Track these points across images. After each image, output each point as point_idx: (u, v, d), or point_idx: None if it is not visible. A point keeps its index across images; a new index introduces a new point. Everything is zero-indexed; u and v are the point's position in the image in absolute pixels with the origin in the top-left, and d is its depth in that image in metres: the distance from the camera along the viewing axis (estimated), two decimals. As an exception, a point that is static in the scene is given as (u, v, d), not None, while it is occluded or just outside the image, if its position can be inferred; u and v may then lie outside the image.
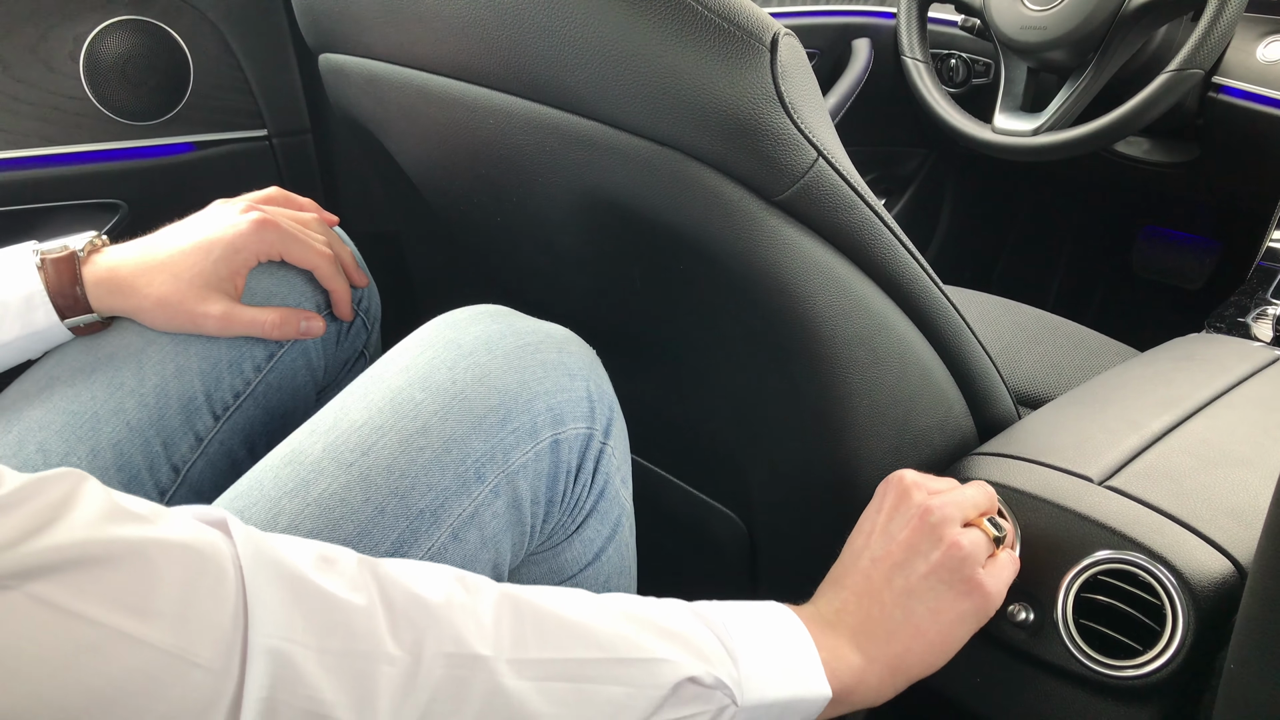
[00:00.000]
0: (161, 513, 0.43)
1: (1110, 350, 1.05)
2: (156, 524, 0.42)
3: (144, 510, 0.43)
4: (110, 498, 0.42)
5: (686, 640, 0.53)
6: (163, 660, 0.39)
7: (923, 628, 0.61)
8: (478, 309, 0.68)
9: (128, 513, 0.42)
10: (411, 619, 0.46)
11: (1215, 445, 0.72)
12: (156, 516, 0.43)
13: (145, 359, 0.70)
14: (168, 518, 0.43)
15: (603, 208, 0.67)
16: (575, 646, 0.50)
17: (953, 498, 0.64)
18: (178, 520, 0.44)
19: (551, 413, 0.63)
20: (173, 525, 0.43)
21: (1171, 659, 0.61)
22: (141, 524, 0.41)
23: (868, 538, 0.64)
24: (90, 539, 0.39)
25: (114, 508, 0.41)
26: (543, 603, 0.51)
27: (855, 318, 0.66)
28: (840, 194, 0.63)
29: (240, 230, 0.71)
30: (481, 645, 0.47)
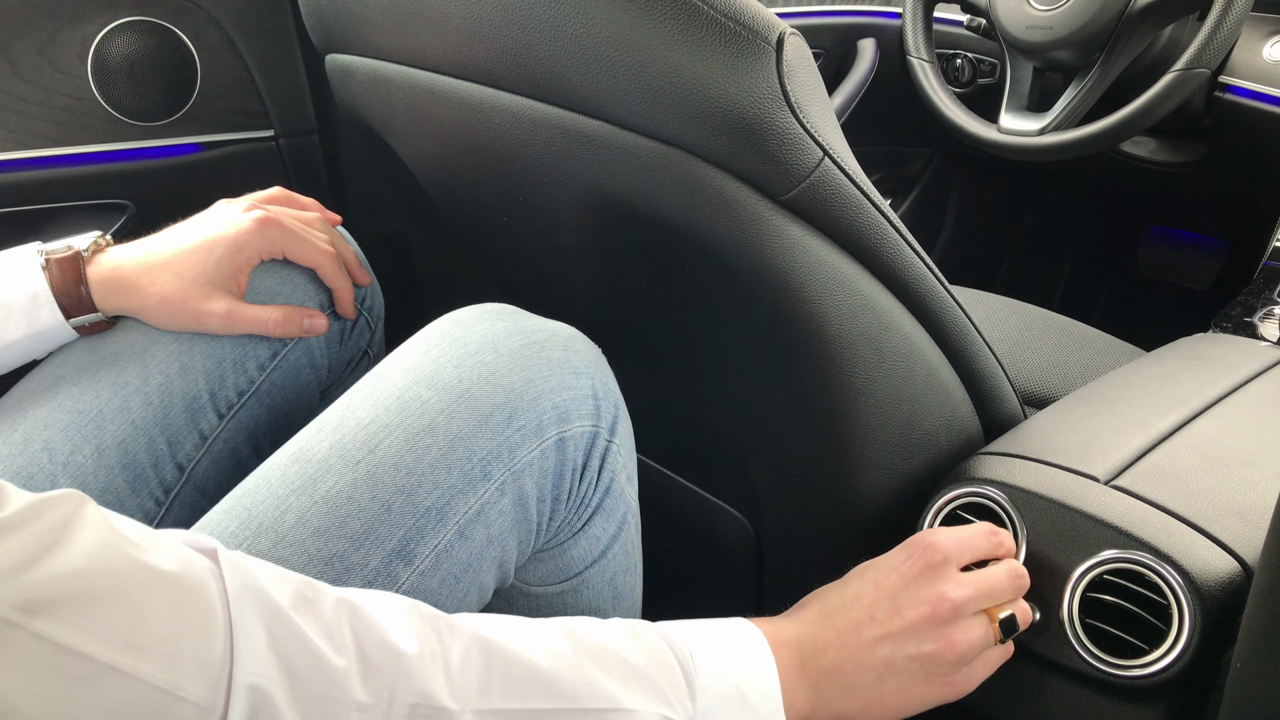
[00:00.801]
0: (155, 540, 0.44)
1: (1116, 350, 1.05)
2: (151, 554, 0.42)
3: (139, 538, 0.43)
4: (108, 524, 0.42)
5: (650, 680, 0.54)
6: (153, 695, 0.40)
7: (885, 698, 0.60)
8: (484, 308, 0.68)
9: (125, 540, 0.42)
10: (382, 668, 0.47)
11: (1222, 445, 0.72)
12: (151, 545, 0.43)
13: (150, 358, 0.70)
14: (161, 546, 0.44)
15: (608, 207, 0.67)
16: (539, 696, 0.51)
17: (978, 589, 0.62)
18: (170, 549, 0.44)
19: (557, 410, 0.63)
20: (167, 555, 0.43)
21: (1178, 658, 0.61)
22: (138, 554, 0.42)
23: (877, 591, 0.62)
24: (89, 570, 0.40)
25: (112, 536, 0.42)
26: (513, 647, 0.52)
27: (861, 317, 0.66)
28: (846, 193, 0.63)
29: (243, 229, 0.71)
30: (448, 697, 0.48)
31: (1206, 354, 0.91)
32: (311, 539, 0.57)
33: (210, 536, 0.48)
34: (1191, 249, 1.69)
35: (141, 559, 0.42)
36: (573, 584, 0.68)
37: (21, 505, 0.39)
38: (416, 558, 0.59)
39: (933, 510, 0.72)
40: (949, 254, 1.82)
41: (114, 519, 0.43)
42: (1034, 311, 1.12)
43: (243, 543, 0.57)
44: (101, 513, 0.43)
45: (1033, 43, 1.26)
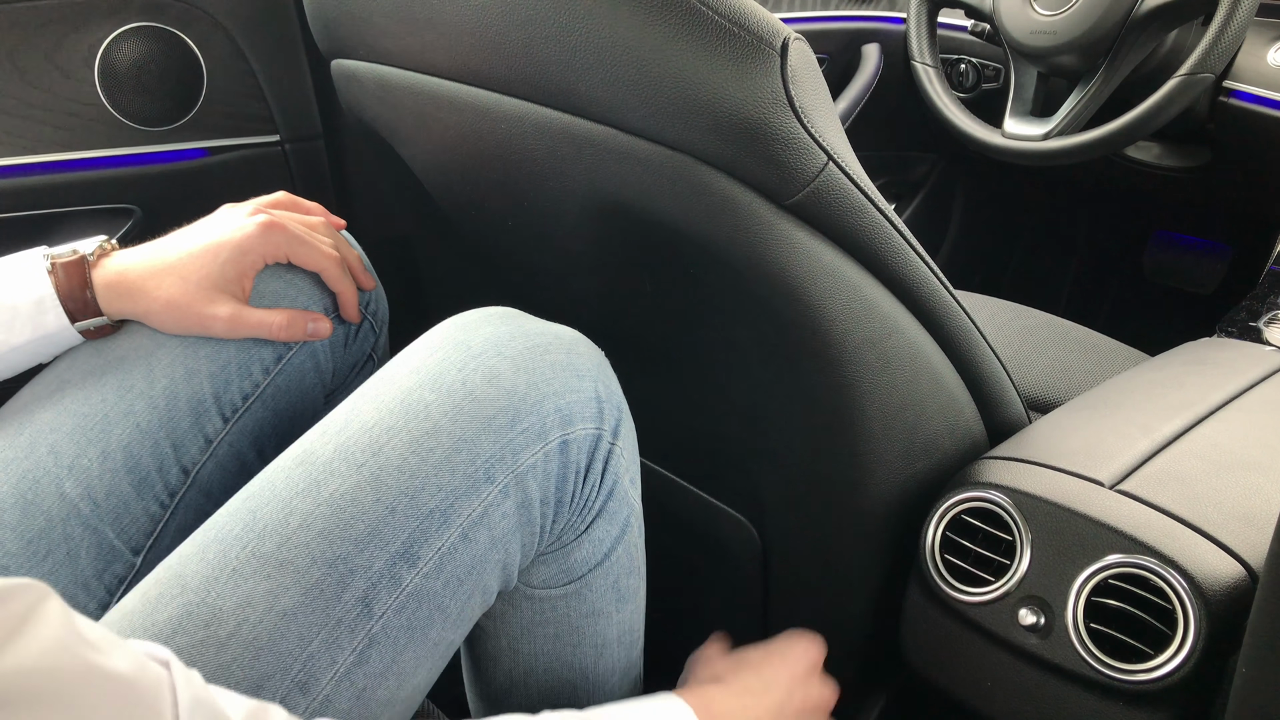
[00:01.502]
0: (112, 644, 0.42)
1: (1121, 355, 1.05)
2: (106, 657, 0.41)
3: (96, 639, 0.41)
4: (68, 622, 0.40)
5: None
6: None
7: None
8: (487, 311, 0.68)
9: (82, 642, 0.40)
10: None
11: (1227, 449, 0.72)
12: (108, 648, 0.41)
13: (155, 361, 0.71)
14: (118, 650, 0.42)
15: (613, 212, 0.67)
16: None
17: None
18: (126, 654, 0.42)
19: (560, 414, 0.63)
20: (122, 660, 0.42)
21: (1183, 663, 0.61)
22: (93, 657, 0.40)
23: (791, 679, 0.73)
24: (39, 669, 0.38)
25: (68, 636, 0.40)
26: None
27: (866, 322, 0.66)
28: (851, 198, 0.63)
29: (248, 233, 0.72)
30: None
31: (1211, 359, 0.91)
32: (316, 541, 0.57)
33: (163, 649, 0.46)
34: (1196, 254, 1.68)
35: (96, 662, 0.40)
36: (576, 587, 0.68)
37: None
38: (420, 560, 0.59)
39: (937, 515, 0.72)
40: (953, 258, 1.82)
41: (76, 620, 0.41)
42: (1038, 316, 1.12)
43: (247, 545, 0.57)
44: (63, 610, 0.41)
45: (1037, 48, 1.26)
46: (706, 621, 0.96)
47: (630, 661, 0.74)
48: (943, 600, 0.71)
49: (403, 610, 0.58)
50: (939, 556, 0.72)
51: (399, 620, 0.58)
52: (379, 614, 0.58)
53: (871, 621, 0.81)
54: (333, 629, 0.56)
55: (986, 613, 0.69)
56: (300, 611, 0.56)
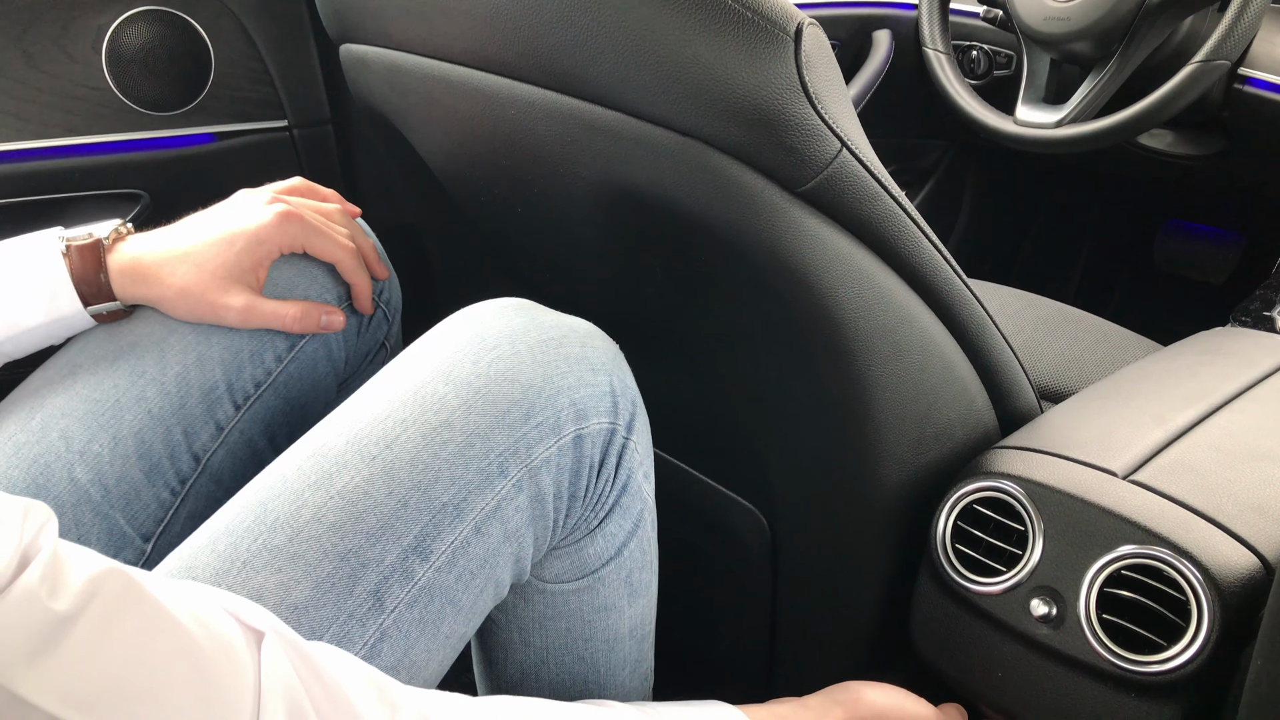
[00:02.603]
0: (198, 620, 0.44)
1: (1132, 344, 1.05)
2: (192, 637, 0.43)
3: (182, 619, 0.43)
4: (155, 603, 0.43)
5: None
6: None
7: None
8: (501, 303, 0.67)
9: (170, 623, 0.42)
10: None
11: (1241, 440, 0.72)
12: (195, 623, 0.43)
13: (167, 348, 0.70)
14: (206, 625, 0.44)
15: (624, 199, 0.67)
16: None
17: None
18: (212, 632, 0.44)
19: (575, 407, 0.63)
20: (208, 640, 0.43)
21: (1196, 655, 0.60)
22: (179, 639, 0.42)
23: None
24: (131, 663, 0.40)
25: (157, 620, 0.42)
26: None
27: (878, 310, 0.65)
28: (864, 185, 0.62)
29: (264, 222, 0.71)
30: None
31: (1225, 348, 0.90)
32: (327, 534, 0.57)
33: (264, 614, 0.47)
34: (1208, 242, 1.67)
35: (184, 647, 0.42)
36: (589, 581, 0.68)
37: (75, 591, 0.40)
38: (433, 554, 0.59)
39: (948, 505, 0.72)
40: (963, 247, 1.81)
41: (158, 590, 0.43)
42: (1049, 305, 1.12)
43: (258, 537, 0.57)
44: (147, 589, 0.43)
45: (1050, 34, 1.25)
46: (715, 610, 0.96)
47: (641, 654, 0.74)
48: (954, 590, 0.71)
49: (414, 604, 0.58)
50: (950, 546, 0.71)
51: (411, 614, 0.58)
52: (391, 608, 0.57)
53: (881, 611, 0.80)
54: (344, 622, 0.56)
55: (998, 603, 0.69)
56: (311, 605, 0.56)
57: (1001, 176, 1.82)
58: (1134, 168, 1.49)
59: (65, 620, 0.39)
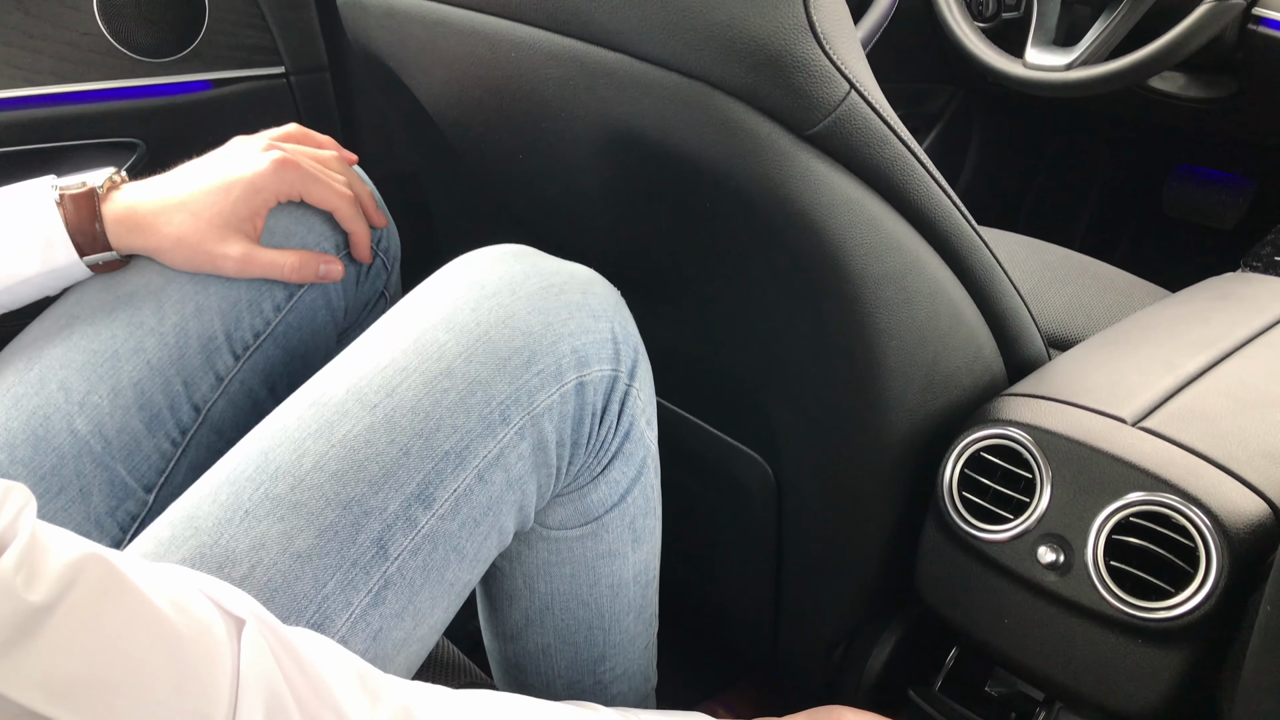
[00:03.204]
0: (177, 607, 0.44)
1: (1140, 290, 1.04)
2: (172, 625, 0.43)
3: (160, 606, 0.43)
4: (136, 592, 0.42)
5: None
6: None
7: None
8: (501, 249, 0.67)
9: (150, 611, 0.42)
10: None
11: (1252, 386, 0.71)
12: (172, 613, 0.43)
13: (164, 298, 0.70)
14: (183, 614, 0.43)
15: (628, 143, 0.66)
16: None
17: None
18: (191, 619, 0.44)
19: (576, 355, 0.62)
20: (185, 630, 0.43)
21: (1204, 601, 0.60)
22: (158, 629, 0.42)
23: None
24: (110, 653, 0.40)
25: (137, 609, 0.42)
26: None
27: (886, 256, 0.64)
28: (873, 128, 0.61)
29: (260, 170, 0.70)
30: None
31: (1236, 293, 0.89)
32: (329, 483, 0.56)
33: (244, 599, 0.47)
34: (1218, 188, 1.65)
35: (163, 635, 0.42)
36: (592, 528, 0.68)
37: (52, 579, 0.39)
38: (435, 501, 0.58)
39: (955, 452, 0.72)
40: (970, 193, 1.79)
41: (138, 576, 0.43)
42: (1056, 251, 1.10)
43: (260, 486, 0.56)
44: (123, 578, 0.42)
45: (1061, -26, 1.23)
46: (720, 557, 0.96)
47: (646, 600, 0.74)
48: (961, 538, 0.71)
49: (418, 552, 0.58)
50: (957, 494, 0.71)
51: (415, 562, 0.58)
52: (394, 556, 0.57)
53: (887, 559, 0.80)
54: (348, 571, 0.56)
55: (1005, 550, 0.69)
56: (315, 554, 0.55)
57: (1010, 121, 1.80)
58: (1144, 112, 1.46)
59: (41, 611, 0.38)
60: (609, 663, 0.74)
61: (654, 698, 0.82)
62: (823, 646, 0.88)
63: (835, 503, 0.80)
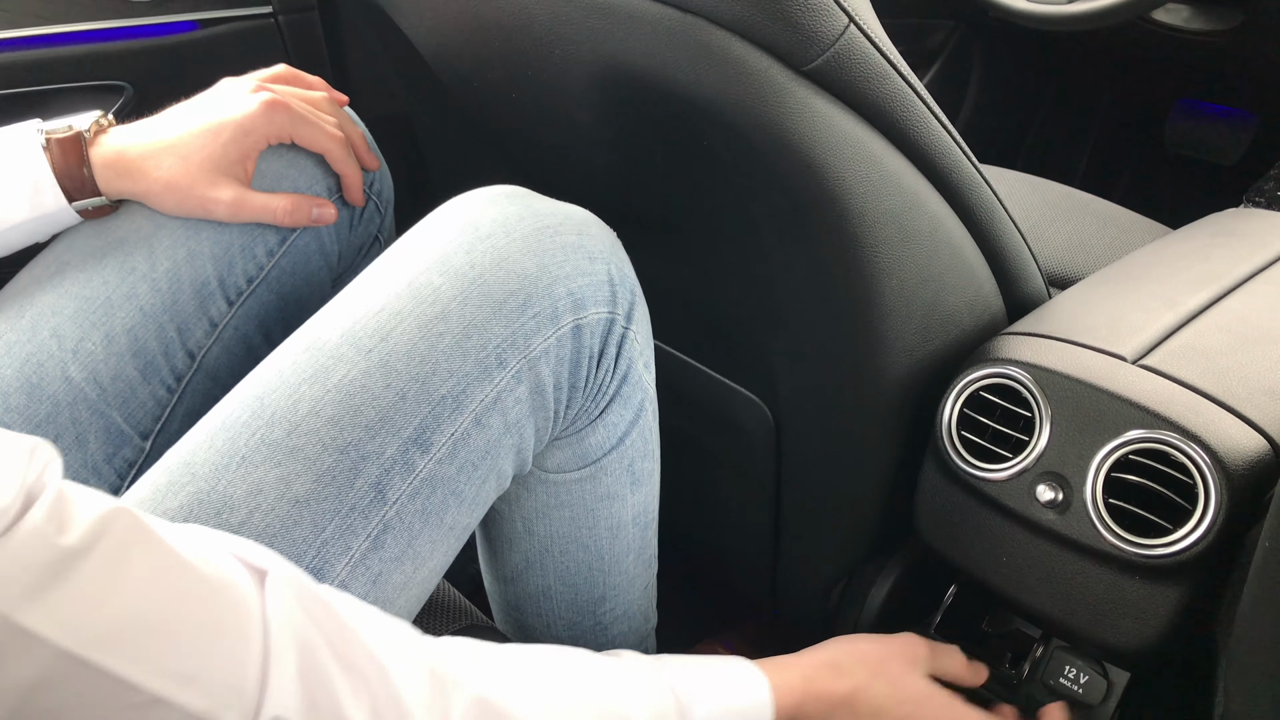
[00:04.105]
0: (205, 558, 0.44)
1: (1141, 227, 1.03)
2: (201, 578, 0.44)
3: (192, 556, 0.44)
4: (162, 545, 0.43)
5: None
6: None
7: None
8: (495, 190, 0.66)
9: (178, 564, 0.43)
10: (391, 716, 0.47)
11: (1253, 322, 0.71)
12: (202, 564, 0.44)
13: (156, 243, 0.69)
14: (211, 565, 0.44)
15: (622, 81, 0.65)
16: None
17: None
18: (219, 569, 0.45)
19: (572, 297, 0.62)
20: (215, 578, 0.44)
21: (1202, 538, 0.61)
22: (189, 581, 0.43)
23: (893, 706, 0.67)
24: (146, 600, 0.41)
25: (166, 560, 0.43)
26: (513, 709, 0.52)
27: (886, 194, 0.64)
28: (872, 63, 0.60)
29: (250, 112, 0.69)
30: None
31: (1239, 229, 0.88)
32: (325, 428, 0.56)
33: (267, 553, 0.48)
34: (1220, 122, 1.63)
35: (190, 588, 0.43)
36: (591, 471, 0.68)
37: (83, 529, 0.40)
38: (433, 445, 0.58)
39: (955, 392, 0.71)
40: (970, 129, 1.77)
41: (165, 534, 0.44)
42: (1056, 189, 1.09)
43: (256, 432, 0.56)
44: (154, 530, 0.43)
45: (1064, -97, 1.20)
46: (719, 499, 0.96)
47: (645, 541, 0.75)
48: (960, 477, 0.71)
49: (416, 496, 0.58)
50: (956, 433, 0.71)
51: (413, 506, 0.58)
52: (393, 500, 0.57)
53: (886, 498, 0.81)
54: (346, 515, 0.56)
55: (1004, 489, 0.69)
56: (313, 499, 0.55)
57: (1010, 57, 1.77)
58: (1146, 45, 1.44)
59: (74, 554, 0.39)
60: (609, 604, 0.75)
61: (654, 638, 0.83)
62: (821, 586, 0.89)
63: (834, 444, 0.80)
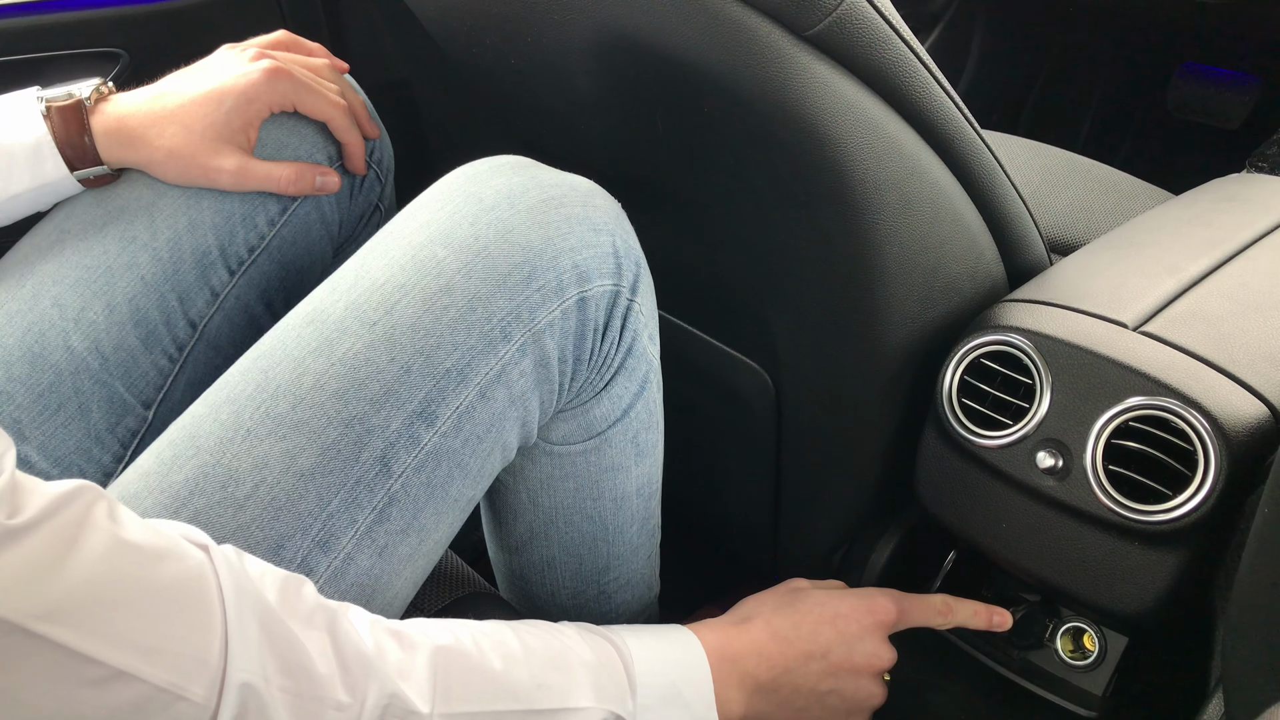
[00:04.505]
0: (156, 537, 0.45)
1: (1143, 193, 1.02)
2: (154, 554, 0.44)
3: (141, 537, 0.44)
4: (115, 523, 0.43)
5: (595, 677, 0.57)
6: (157, 695, 0.42)
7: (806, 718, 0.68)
8: (498, 160, 0.65)
9: (130, 544, 0.43)
10: (355, 671, 0.49)
11: (1255, 289, 0.71)
12: (152, 542, 0.44)
13: (157, 212, 0.69)
14: (162, 543, 0.45)
15: (622, 47, 0.64)
16: (496, 699, 0.53)
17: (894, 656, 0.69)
18: (171, 546, 0.45)
19: (577, 270, 0.61)
20: (168, 554, 0.44)
21: (1201, 504, 0.61)
22: (143, 558, 0.43)
23: (835, 633, 0.67)
24: (102, 576, 0.41)
25: (118, 539, 0.43)
26: (470, 654, 0.54)
27: (888, 161, 0.63)
28: (875, 28, 0.59)
29: (252, 79, 0.69)
30: (418, 701, 0.50)
31: (1241, 195, 0.88)
32: (330, 401, 0.56)
33: (201, 531, 0.49)
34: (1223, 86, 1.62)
35: (147, 561, 0.43)
36: (595, 443, 0.68)
37: (39, 506, 0.40)
38: (438, 419, 0.58)
39: (955, 359, 0.71)
40: (972, 95, 1.76)
41: (119, 514, 0.44)
42: (1058, 154, 1.09)
43: (260, 405, 0.56)
44: (109, 509, 0.44)
45: None
46: (721, 468, 0.96)
47: (649, 512, 0.75)
48: (960, 444, 0.71)
49: (422, 469, 0.58)
50: (957, 401, 0.71)
51: (418, 479, 0.58)
52: (398, 473, 0.57)
53: (886, 465, 0.81)
54: (352, 488, 0.56)
55: (1004, 456, 0.69)
56: (318, 472, 0.56)
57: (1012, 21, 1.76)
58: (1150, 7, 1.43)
59: (17, 531, 0.39)
60: (612, 573, 0.75)
61: (657, 605, 0.83)
62: (821, 552, 0.89)
63: (835, 411, 0.80)
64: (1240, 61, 1.61)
